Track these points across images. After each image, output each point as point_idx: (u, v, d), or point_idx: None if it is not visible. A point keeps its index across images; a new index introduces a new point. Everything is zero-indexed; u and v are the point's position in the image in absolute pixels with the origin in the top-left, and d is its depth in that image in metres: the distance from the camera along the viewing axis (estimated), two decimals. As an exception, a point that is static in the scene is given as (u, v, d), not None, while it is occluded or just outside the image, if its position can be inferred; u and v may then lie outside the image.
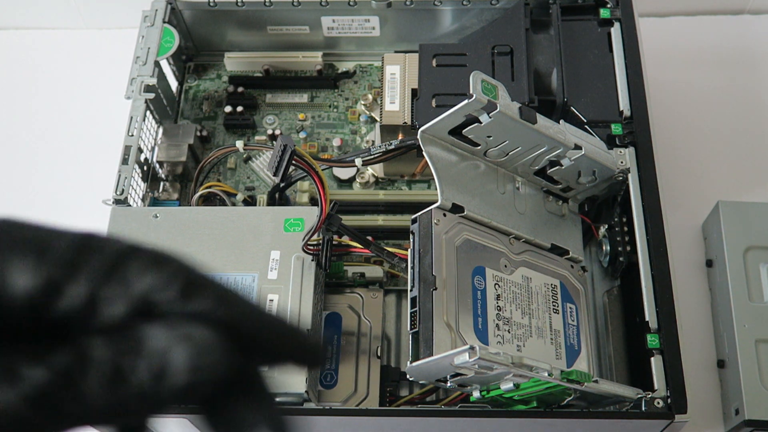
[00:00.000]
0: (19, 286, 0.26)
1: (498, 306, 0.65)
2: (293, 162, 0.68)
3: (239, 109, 0.90)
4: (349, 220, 0.74)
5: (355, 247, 0.72)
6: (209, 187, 0.81)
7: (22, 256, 0.26)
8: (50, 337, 0.26)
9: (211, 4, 0.89)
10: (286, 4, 0.88)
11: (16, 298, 0.26)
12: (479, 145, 0.68)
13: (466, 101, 0.61)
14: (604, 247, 0.78)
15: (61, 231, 0.27)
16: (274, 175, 0.69)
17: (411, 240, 0.66)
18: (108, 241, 0.27)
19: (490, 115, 0.63)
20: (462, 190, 0.67)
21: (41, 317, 0.26)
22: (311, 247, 0.69)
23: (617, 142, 0.76)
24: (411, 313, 0.63)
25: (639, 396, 0.63)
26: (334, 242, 0.70)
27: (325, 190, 0.69)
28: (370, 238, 0.78)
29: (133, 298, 0.27)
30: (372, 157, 0.76)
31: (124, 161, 0.78)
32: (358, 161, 0.76)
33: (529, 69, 0.79)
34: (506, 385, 0.60)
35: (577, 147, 0.68)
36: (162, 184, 0.86)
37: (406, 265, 0.65)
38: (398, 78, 0.83)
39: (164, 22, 0.87)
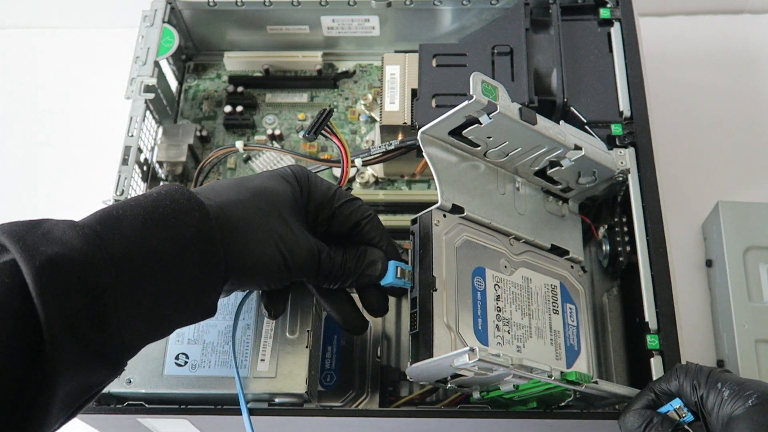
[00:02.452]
0: None
1: (498, 307, 0.65)
2: (323, 132, 0.71)
3: (239, 108, 0.90)
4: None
5: None
6: (209, 187, 0.81)
7: None
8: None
9: (211, 3, 0.89)
10: (286, 3, 0.88)
11: None
12: (479, 145, 0.68)
13: (466, 102, 0.61)
14: (604, 248, 0.78)
15: None
16: (309, 134, 0.71)
17: (411, 241, 0.66)
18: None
19: (490, 116, 0.62)
20: (462, 191, 0.67)
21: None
22: None
23: (617, 143, 0.76)
24: (411, 313, 0.63)
25: (639, 397, 0.63)
26: None
27: (347, 154, 0.72)
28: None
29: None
30: (372, 157, 0.76)
31: (124, 161, 0.78)
32: (358, 161, 0.76)
33: (529, 69, 0.79)
34: (506, 387, 0.60)
35: (577, 148, 0.68)
36: (162, 184, 0.86)
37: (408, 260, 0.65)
38: (398, 78, 0.83)
39: (164, 21, 0.87)
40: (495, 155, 0.69)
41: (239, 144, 0.80)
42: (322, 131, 0.71)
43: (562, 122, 0.68)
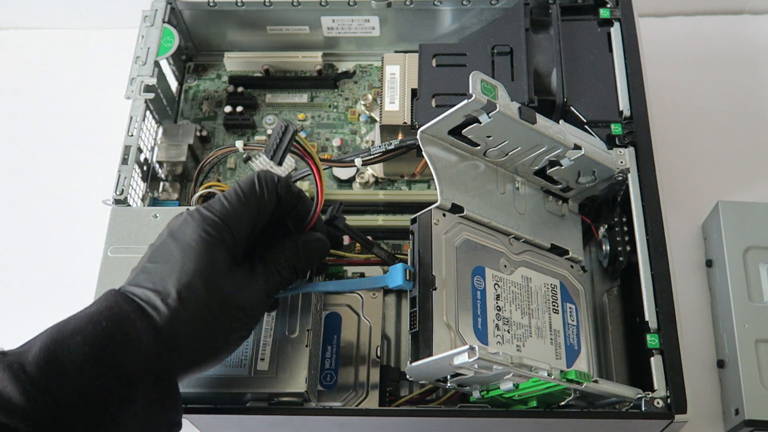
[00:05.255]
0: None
1: (498, 306, 0.65)
2: (292, 149, 0.66)
3: (239, 109, 0.90)
4: (349, 220, 0.74)
5: (346, 258, 0.73)
6: (209, 187, 0.81)
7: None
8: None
9: (211, 4, 0.89)
10: (286, 4, 0.88)
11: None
12: (479, 145, 0.68)
13: (465, 101, 0.61)
14: (603, 247, 0.78)
15: None
16: (272, 159, 0.66)
17: (411, 240, 0.66)
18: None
19: (490, 115, 0.63)
20: (461, 190, 0.67)
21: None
22: None
23: (617, 142, 0.76)
24: (411, 313, 0.63)
25: (639, 396, 0.63)
26: None
27: (321, 179, 0.66)
28: (370, 238, 0.78)
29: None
30: (372, 157, 0.76)
31: (124, 161, 0.78)
32: (358, 161, 0.76)
33: (528, 69, 0.79)
34: (506, 385, 0.60)
35: (577, 147, 0.68)
36: (162, 184, 0.86)
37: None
38: (398, 78, 0.83)
39: (164, 22, 0.87)
40: (494, 154, 0.69)
41: (239, 144, 0.80)
42: (293, 150, 0.66)
43: (561, 121, 0.68)
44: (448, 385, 0.62)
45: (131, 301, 0.54)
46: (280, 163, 0.67)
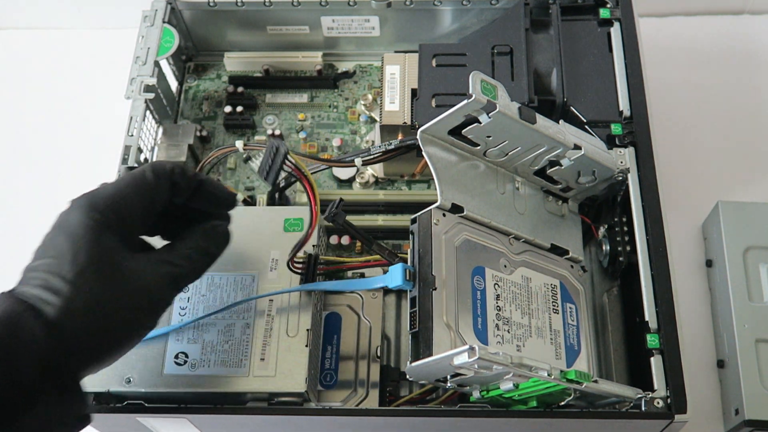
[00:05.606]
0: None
1: (498, 306, 0.65)
2: (285, 168, 0.68)
3: (239, 109, 0.90)
4: (349, 220, 0.74)
5: (344, 264, 0.73)
6: (209, 187, 0.81)
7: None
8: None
9: (211, 4, 0.89)
10: (286, 4, 0.88)
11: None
12: (479, 145, 0.68)
13: (465, 101, 0.61)
14: (603, 247, 0.77)
15: None
16: (265, 180, 0.69)
17: (411, 240, 0.66)
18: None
19: (490, 115, 0.63)
20: (461, 190, 0.67)
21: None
22: (297, 265, 0.69)
23: (617, 142, 0.76)
24: (411, 313, 0.63)
25: (639, 396, 0.63)
26: (320, 261, 0.70)
27: (315, 198, 0.68)
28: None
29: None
30: (372, 157, 0.76)
31: (124, 161, 0.78)
32: (358, 161, 0.76)
33: (528, 69, 0.79)
34: (506, 385, 0.60)
35: (577, 147, 0.68)
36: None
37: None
38: (398, 78, 0.83)
39: (164, 22, 0.87)
40: (494, 154, 0.69)
41: (239, 144, 0.80)
42: (285, 169, 0.68)
43: (561, 121, 0.68)
44: (448, 385, 0.62)
45: (22, 302, 0.51)
46: (272, 184, 0.70)
